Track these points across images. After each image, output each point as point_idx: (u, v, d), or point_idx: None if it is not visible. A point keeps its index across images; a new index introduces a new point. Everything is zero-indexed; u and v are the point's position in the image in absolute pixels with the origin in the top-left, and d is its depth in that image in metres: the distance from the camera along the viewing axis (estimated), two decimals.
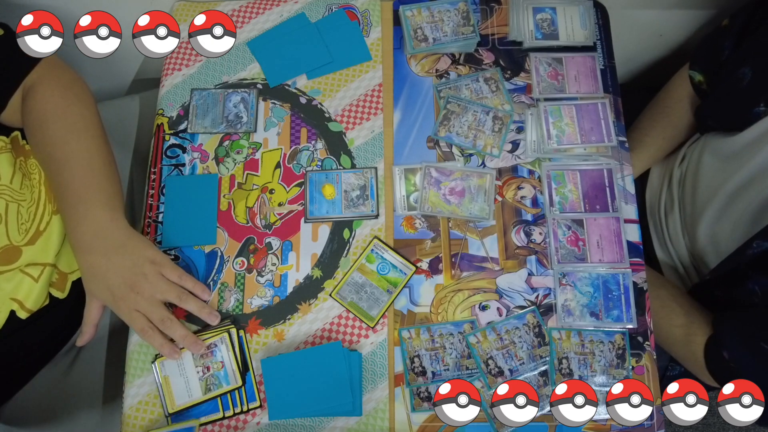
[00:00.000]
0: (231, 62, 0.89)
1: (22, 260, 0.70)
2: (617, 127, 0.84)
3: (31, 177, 0.74)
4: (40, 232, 0.73)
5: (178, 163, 0.84)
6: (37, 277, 0.72)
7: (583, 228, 0.80)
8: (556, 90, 0.87)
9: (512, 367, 0.74)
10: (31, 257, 0.71)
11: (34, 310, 0.72)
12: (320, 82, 0.88)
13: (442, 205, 0.81)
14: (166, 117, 0.86)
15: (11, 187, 0.70)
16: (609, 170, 0.82)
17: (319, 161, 0.84)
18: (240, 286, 0.78)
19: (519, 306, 0.77)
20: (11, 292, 0.70)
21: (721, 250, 0.78)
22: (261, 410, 0.73)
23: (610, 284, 0.77)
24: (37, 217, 0.73)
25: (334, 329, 0.76)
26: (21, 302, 0.71)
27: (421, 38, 0.88)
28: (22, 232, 0.71)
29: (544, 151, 0.83)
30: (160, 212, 0.81)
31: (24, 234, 0.71)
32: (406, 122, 0.86)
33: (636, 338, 0.76)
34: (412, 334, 0.76)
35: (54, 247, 0.74)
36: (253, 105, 0.86)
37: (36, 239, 0.72)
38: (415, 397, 0.74)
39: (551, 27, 0.89)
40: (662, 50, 1.13)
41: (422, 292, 0.78)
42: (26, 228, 0.71)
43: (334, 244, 0.80)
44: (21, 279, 0.71)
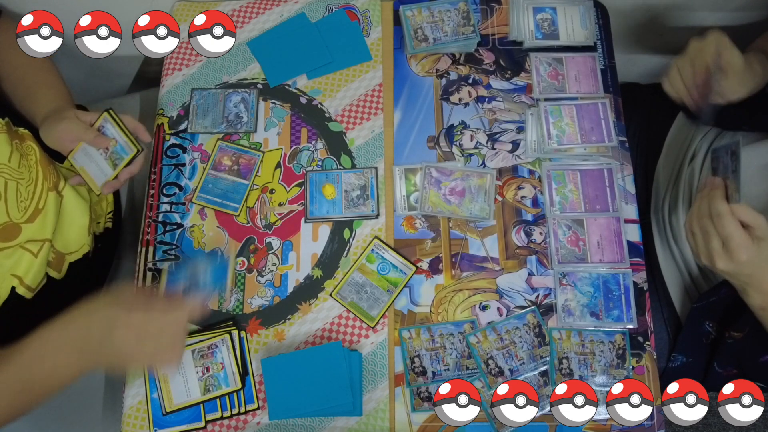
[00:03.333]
0: (231, 62, 0.89)
1: (21, 237, 0.71)
2: (617, 127, 0.84)
3: (28, 158, 0.74)
4: (39, 210, 0.73)
5: (178, 163, 0.84)
6: (36, 252, 0.73)
7: (584, 228, 0.80)
8: (557, 90, 0.87)
9: (512, 367, 0.74)
10: (30, 234, 0.72)
11: (33, 286, 0.73)
12: (320, 82, 0.88)
13: (443, 205, 0.81)
14: (166, 117, 0.86)
15: (10, 166, 0.71)
16: (609, 170, 0.82)
17: (319, 161, 0.84)
18: (240, 286, 0.78)
19: (519, 306, 0.77)
20: (11, 268, 0.70)
21: None
22: (261, 410, 0.73)
23: (610, 284, 0.77)
24: (35, 195, 0.73)
25: (334, 329, 0.76)
26: (20, 278, 0.71)
27: (421, 38, 0.88)
28: (21, 210, 0.71)
29: (544, 151, 0.83)
30: (160, 212, 0.82)
31: (23, 212, 0.72)
32: (406, 122, 0.86)
33: (636, 338, 0.76)
34: (412, 334, 0.76)
35: (51, 224, 0.75)
36: (253, 105, 0.86)
37: (35, 217, 0.73)
38: (415, 397, 0.74)
39: (551, 27, 0.89)
40: (662, 50, 1.13)
41: (422, 292, 0.78)
42: (25, 206, 0.72)
43: (334, 244, 0.80)
44: (21, 255, 0.71)
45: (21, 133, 0.76)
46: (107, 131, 0.75)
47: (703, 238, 0.65)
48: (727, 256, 0.63)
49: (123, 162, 0.75)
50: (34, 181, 0.74)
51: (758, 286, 0.64)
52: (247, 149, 0.84)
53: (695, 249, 0.68)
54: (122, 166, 0.75)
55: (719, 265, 0.64)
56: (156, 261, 0.79)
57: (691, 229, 0.67)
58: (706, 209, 0.64)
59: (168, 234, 0.80)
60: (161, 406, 0.71)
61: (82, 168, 0.76)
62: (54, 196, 0.76)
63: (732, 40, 0.71)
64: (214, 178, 0.82)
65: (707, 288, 0.84)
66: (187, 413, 0.72)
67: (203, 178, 0.82)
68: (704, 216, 0.64)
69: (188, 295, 0.66)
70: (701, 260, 0.67)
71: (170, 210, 0.82)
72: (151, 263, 0.79)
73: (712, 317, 0.81)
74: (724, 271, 0.64)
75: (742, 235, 0.61)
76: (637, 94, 1.02)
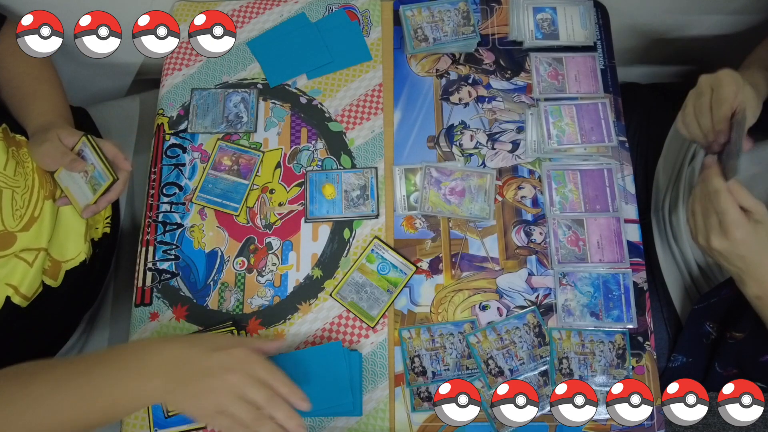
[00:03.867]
0: (231, 62, 0.89)
1: (16, 246, 0.71)
2: (617, 127, 0.84)
3: (25, 165, 0.74)
4: (34, 218, 0.73)
5: (178, 163, 0.84)
6: (32, 261, 0.72)
7: (584, 228, 0.80)
8: (557, 90, 0.87)
9: (512, 367, 0.74)
10: (25, 243, 0.72)
11: (29, 295, 0.73)
12: (320, 82, 0.88)
13: (443, 205, 0.81)
14: (166, 117, 0.86)
15: (5, 174, 0.70)
16: (609, 170, 0.82)
17: (319, 161, 0.84)
18: (240, 286, 0.78)
19: (519, 306, 0.77)
20: (5, 277, 0.70)
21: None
22: None
23: (610, 284, 0.77)
24: (31, 203, 0.73)
25: (334, 329, 0.76)
26: (15, 287, 0.71)
27: (421, 38, 0.88)
28: (16, 218, 0.71)
29: (544, 151, 0.83)
30: (160, 212, 0.82)
31: (19, 220, 0.71)
32: (406, 122, 0.86)
33: (636, 338, 0.76)
34: (412, 334, 0.76)
35: (47, 232, 0.74)
36: (253, 105, 0.86)
37: (30, 225, 0.72)
38: (415, 397, 0.74)
39: (551, 27, 0.89)
40: (662, 50, 1.13)
41: (422, 292, 0.78)
42: (21, 214, 0.72)
43: (334, 244, 0.80)
44: (15, 264, 0.71)
45: (18, 140, 0.76)
46: (86, 156, 0.74)
47: (702, 217, 0.65)
48: (722, 233, 0.63)
49: (101, 189, 0.74)
50: (30, 189, 0.74)
51: (754, 274, 0.64)
52: (247, 149, 0.84)
53: (693, 230, 0.68)
54: (99, 193, 0.74)
55: (714, 243, 0.64)
56: (156, 261, 0.79)
57: (692, 209, 0.67)
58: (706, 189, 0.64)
59: (168, 234, 0.81)
60: (163, 408, 0.71)
61: (66, 188, 0.77)
62: (50, 204, 0.75)
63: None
64: (214, 178, 0.82)
65: (707, 288, 0.84)
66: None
67: (203, 178, 0.82)
68: (704, 196, 0.65)
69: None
70: (698, 241, 0.66)
71: (170, 210, 0.82)
72: (151, 263, 0.79)
73: (712, 318, 0.81)
74: (718, 250, 0.64)
75: (737, 211, 0.62)
76: (637, 94, 1.02)
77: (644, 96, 1.02)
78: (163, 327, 0.76)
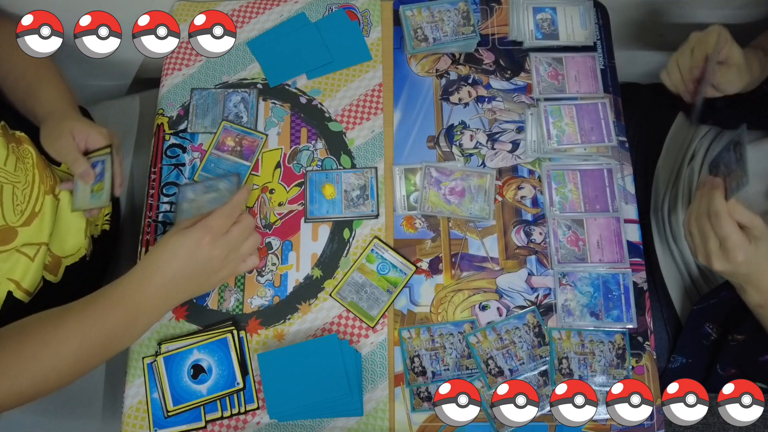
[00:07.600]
0: (231, 62, 0.89)
1: (17, 241, 0.71)
2: (617, 127, 0.84)
3: (25, 161, 0.74)
4: (35, 213, 0.73)
5: (178, 163, 0.84)
6: (33, 256, 0.72)
7: (583, 228, 0.80)
8: (556, 90, 0.87)
9: (512, 367, 0.74)
10: (26, 238, 0.72)
11: (30, 290, 0.73)
12: (320, 82, 0.88)
13: (442, 205, 0.81)
14: (166, 117, 0.86)
15: (5, 169, 0.70)
16: (609, 170, 0.82)
17: (319, 161, 0.84)
18: (240, 285, 0.78)
19: (519, 306, 0.77)
20: (7, 272, 0.70)
21: None
22: (261, 410, 0.73)
23: (610, 284, 0.77)
24: (32, 199, 0.73)
25: (334, 329, 0.76)
26: (17, 282, 0.71)
27: (421, 38, 0.88)
28: (17, 213, 0.71)
29: (544, 151, 0.83)
30: (160, 212, 0.82)
31: (20, 215, 0.71)
32: (406, 122, 0.86)
33: (636, 338, 0.76)
34: (412, 333, 0.76)
35: (48, 227, 0.74)
36: (253, 105, 0.86)
37: (31, 221, 0.72)
38: (415, 397, 0.74)
39: (551, 27, 0.89)
40: (662, 50, 1.13)
41: (422, 292, 0.78)
42: (21, 209, 0.72)
43: (334, 244, 0.80)
44: (17, 259, 0.71)
45: (18, 136, 0.76)
46: (97, 168, 0.74)
47: (701, 238, 0.65)
48: (724, 256, 0.63)
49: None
50: (31, 185, 0.74)
51: (756, 285, 0.64)
52: (251, 131, 0.84)
53: (693, 249, 0.68)
54: (92, 206, 0.75)
55: (716, 266, 0.64)
56: None
57: (690, 229, 0.67)
58: (705, 208, 0.64)
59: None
60: (162, 407, 0.71)
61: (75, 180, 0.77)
62: (51, 200, 0.75)
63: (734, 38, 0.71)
64: (217, 158, 0.83)
65: (707, 288, 0.84)
66: (188, 413, 0.72)
67: (206, 158, 0.83)
68: (702, 215, 0.64)
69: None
70: (699, 259, 0.67)
71: (170, 210, 0.82)
72: None
73: (712, 319, 0.81)
74: (721, 271, 0.64)
75: (739, 236, 0.61)
76: (637, 94, 1.02)
77: (644, 96, 1.02)
78: (162, 326, 0.76)
